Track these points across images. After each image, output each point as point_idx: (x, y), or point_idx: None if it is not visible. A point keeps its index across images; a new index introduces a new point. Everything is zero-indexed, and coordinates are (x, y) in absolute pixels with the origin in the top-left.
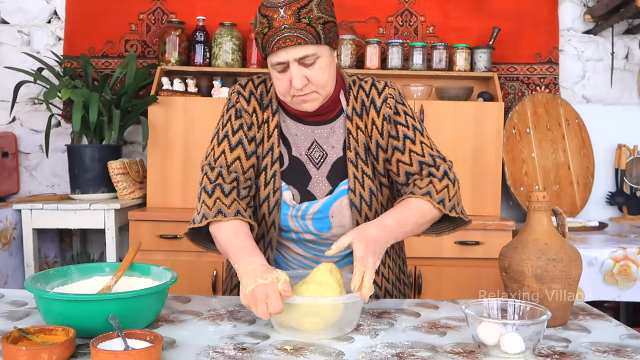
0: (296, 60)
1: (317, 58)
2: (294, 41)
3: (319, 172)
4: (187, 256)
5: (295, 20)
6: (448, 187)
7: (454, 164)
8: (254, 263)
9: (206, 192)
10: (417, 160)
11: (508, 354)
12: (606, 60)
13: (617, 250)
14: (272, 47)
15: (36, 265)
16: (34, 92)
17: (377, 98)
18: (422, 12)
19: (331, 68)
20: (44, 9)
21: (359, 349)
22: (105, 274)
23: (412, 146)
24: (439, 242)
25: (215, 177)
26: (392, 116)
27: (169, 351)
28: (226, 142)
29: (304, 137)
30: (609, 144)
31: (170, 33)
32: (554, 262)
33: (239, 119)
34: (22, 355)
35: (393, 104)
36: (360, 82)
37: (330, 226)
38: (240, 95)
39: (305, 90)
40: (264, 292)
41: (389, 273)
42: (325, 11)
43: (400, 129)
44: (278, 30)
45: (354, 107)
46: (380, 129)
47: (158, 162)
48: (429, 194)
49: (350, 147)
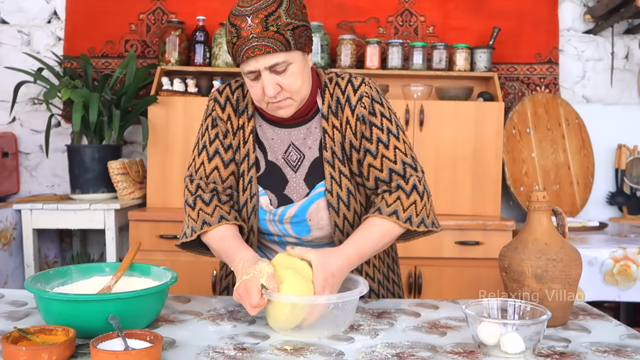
0: (267, 69)
1: (288, 65)
2: (262, 50)
3: (297, 175)
4: (187, 256)
5: (263, 28)
6: (416, 203)
7: (425, 173)
8: (241, 261)
9: (189, 205)
10: (387, 167)
11: (508, 354)
12: (606, 60)
13: (617, 250)
14: (241, 56)
15: (36, 266)
16: (34, 92)
17: (352, 96)
18: (422, 12)
19: (304, 72)
20: (44, 9)
21: (359, 349)
22: (105, 274)
23: (385, 151)
24: (439, 242)
25: (195, 189)
26: (366, 116)
27: (169, 351)
28: (205, 152)
29: (280, 140)
30: (609, 144)
31: (170, 33)
32: (554, 262)
33: (214, 128)
34: (22, 355)
35: (369, 103)
36: (337, 78)
37: (309, 229)
38: (216, 103)
39: (279, 97)
40: (244, 288)
41: (375, 272)
42: (295, 16)
43: (375, 131)
44: (246, 40)
45: (330, 105)
46: (354, 129)
47: (158, 162)
48: (396, 214)
49: (327, 146)
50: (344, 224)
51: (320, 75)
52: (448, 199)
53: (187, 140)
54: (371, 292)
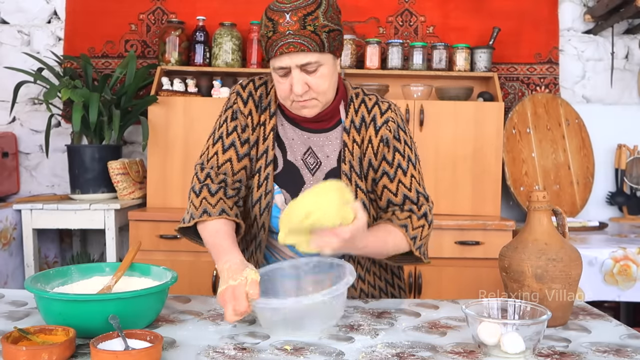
0: (298, 67)
1: (319, 66)
2: (297, 47)
3: (314, 178)
4: (187, 256)
5: (301, 27)
6: (423, 228)
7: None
8: (228, 262)
9: (194, 192)
10: (402, 192)
11: (508, 354)
12: (606, 60)
13: (617, 250)
14: (275, 51)
15: (36, 266)
16: (34, 92)
17: (378, 117)
18: (422, 12)
19: (333, 76)
20: (44, 9)
21: (359, 349)
22: (105, 274)
23: (403, 177)
24: (439, 242)
25: (204, 177)
26: (390, 140)
27: (169, 351)
28: (220, 143)
29: (301, 142)
30: (609, 144)
31: (170, 33)
32: (554, 262)
33: (234, 121)
34: (22, 355)
35: (395, 128)
36: (364, 96)
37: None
38: (238, 96)
39: (305, 96)
40: (232, 294)
41: (382, 272)
42: (332, 19)
43: (397, 156)
44: (282, 36)
45: (353, 121)
46: (375, 150)
47: (158, 162)
48: (405, 228)
49: (346, 160)
50: None
51: (347, 88)
52: (448, 199)
53: (187, 140)
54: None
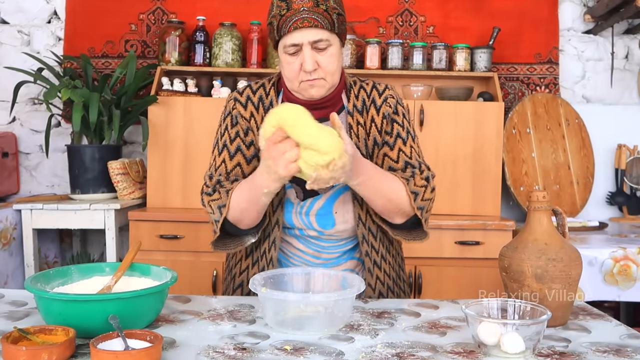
0: (310, 43)
1: (329, 45)
2: (311, 23)
3: None
4: (187, 256)
5: (314, 4)
6: (426, 188)
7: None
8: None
9: (208, 195)
10: (403, 160)
11: (508, 354)
12: (606, 60)
13: (617, 250)
14: (288, 27)
15: (36, 266)
16: (34, 92)
17: (377, 98)
18: (422, 12)
19: (339, 59)
20: (44, 9)
21: (359, 349)
22: (105, 274)
23: (403, 146)
24: (439, 242)
25: (214, 183)
26: (390, 114)
27: (169, 351)
28: (226, 151)
29: None
30: (609, 144)
31: (170, 33)
32: (554, 262)
33: (235, 127)
34: (22, 355)
35: (394, 104)
36: (361, 83)
37: (334, 222)
38: (236, 102)
39: (314, 75)
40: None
41: (390, 270)
42: (339, 5)
43: (396, 127)
44: (296, 12)
45: (355, 104)
46: (379, 127)
47: (158, 162)
48: (408, 182)
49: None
50: (366, 218)
51: (345, 76)
52: (448, 199)
53: (187, 140)
54: (388, 291)
